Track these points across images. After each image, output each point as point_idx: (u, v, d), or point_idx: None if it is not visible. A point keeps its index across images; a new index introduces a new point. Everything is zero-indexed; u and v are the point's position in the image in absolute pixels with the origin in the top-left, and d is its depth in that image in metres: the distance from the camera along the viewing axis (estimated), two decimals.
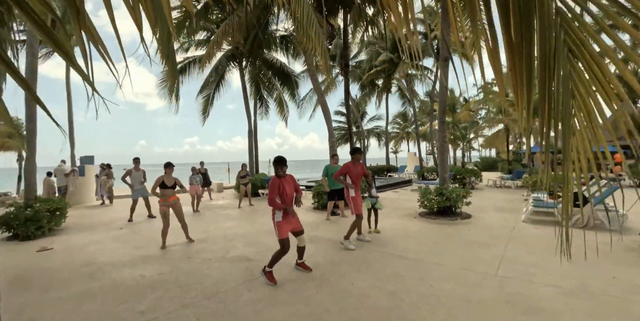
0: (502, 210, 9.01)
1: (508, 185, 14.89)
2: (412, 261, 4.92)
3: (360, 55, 23.03)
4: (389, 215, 8.56)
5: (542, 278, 4.14)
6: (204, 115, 17.25)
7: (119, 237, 7.05)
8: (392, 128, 41.10)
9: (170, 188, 6.22)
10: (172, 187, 6.26)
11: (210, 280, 4.34)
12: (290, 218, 4.26)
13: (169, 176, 6.31)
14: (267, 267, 4.26)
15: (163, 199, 6.15)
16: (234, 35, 8.80)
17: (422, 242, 5.95)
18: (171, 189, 6.25)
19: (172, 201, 6.24)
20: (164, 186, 6.16)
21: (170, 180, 6.29)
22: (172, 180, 6.33)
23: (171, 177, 6.34)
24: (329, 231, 6.99)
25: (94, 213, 10.38)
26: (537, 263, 4.69)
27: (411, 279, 4.19)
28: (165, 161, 6.52)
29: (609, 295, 3.65)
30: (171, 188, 6.25)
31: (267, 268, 4.26)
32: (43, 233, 7.34)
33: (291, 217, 4.24)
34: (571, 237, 1.51)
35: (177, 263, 5.11)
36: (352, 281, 4.18)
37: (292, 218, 4.28)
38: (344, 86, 12.10)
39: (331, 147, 9.79)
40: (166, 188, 6.17)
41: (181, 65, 15.01)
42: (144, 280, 4.46)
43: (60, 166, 11.72)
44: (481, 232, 6.63)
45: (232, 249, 5.82)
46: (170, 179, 6.30)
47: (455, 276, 4.25)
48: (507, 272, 4.37)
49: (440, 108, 8.48)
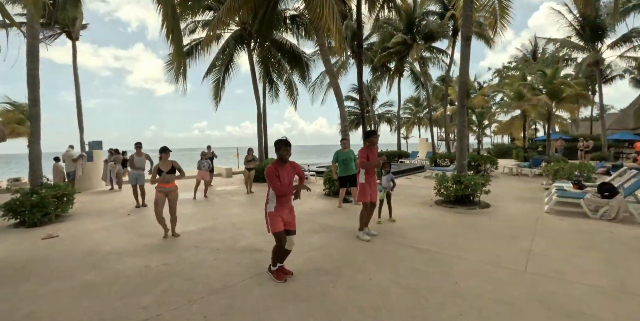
0: (522, 199, 8.60)
1: (525, 173, 14.40)
2: (433, 254, 4.60)
3: (371, 38, 22.27)
4: (404, 202, 8.23)
5: (576, 276, 3.79)
6: (216, 99, 16.78)
7: (126, 224, 6.87)
8: (404, 113, 40.36)
9: (168, 173, 5.77)
10: (170, 172, 5.81)
11: (218, 273, 4.09)
12: (285, 211, 3.76)
13: (164, 161, 5.83)
14: (272, 266, 3.90)
15: (160, 184, 5.75)
16: (240, 11, 8.30)
17: (441, 233, 5.62)
18: (169, 174, 5.80)
19: (170, 187, 5.82)
20: (160, 172, 5.74)
21: (167, 165, 5.80)
22: (169, 164, 5.83)
23: (167, 162, 5.83)
24: (341, 219, 6.70)
25: (102, 199, 10.26)
26: (568, 259, 4.34)
27: (433, 274, 3.89)
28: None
29: None
30: (169, 173, 5.79)
31: (271, 267, 3.91)
32: (50, 219, 7.20)
33: (286, 209, 3.78)
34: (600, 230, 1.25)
35: (184, 253, 4.88)
36: (369, 275, 3.89)
37: (287, 212, 3.80)
38: (357, 68, 11.56)
39: (343, 132, 9.40)
40: (162, 173, 5.74)
41: (187, 47, 14.56)
42: (149, 271, 4.23)
43: (68, 151, 11.56)
44: (503, 223, 6.28)
45: (241, 238, 5.57)
46: (167, 164, 5.81)
47: (481, 272, 3.93)
48: (537, 268, 4.03)
49: (460, 91, 8.00)
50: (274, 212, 3.68)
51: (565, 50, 23.61)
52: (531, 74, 21.27)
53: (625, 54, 20.61)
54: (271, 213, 3.69)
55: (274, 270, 3.87)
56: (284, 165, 3.73)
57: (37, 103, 7.65)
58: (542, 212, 7.09)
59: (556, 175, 10.39)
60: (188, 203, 9.03)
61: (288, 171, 3.75)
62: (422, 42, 20.28)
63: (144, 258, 4.72)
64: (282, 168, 3.69)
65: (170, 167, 5.82)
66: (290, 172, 3.79)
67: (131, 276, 4.07)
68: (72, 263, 4.64)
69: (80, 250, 5.22)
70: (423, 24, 19.72)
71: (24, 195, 7.03)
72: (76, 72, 18.32)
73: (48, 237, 6.04)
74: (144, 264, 4.49)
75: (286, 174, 3.71)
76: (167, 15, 5.20)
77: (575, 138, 26.28)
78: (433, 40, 20.30)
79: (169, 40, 5.57)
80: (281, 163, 3.71)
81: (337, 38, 7.74)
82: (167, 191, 5.79)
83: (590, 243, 5.04)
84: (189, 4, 11.09)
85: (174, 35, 5.37)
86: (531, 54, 32.10)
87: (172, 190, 5.85)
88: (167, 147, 5.92)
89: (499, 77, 34.57)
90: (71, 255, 4.97)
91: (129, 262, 4.59)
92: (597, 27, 19.77)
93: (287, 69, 16.34)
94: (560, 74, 18.16)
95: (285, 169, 3.72)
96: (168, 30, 5.29)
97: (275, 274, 3.84)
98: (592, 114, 32.43)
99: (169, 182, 5.81)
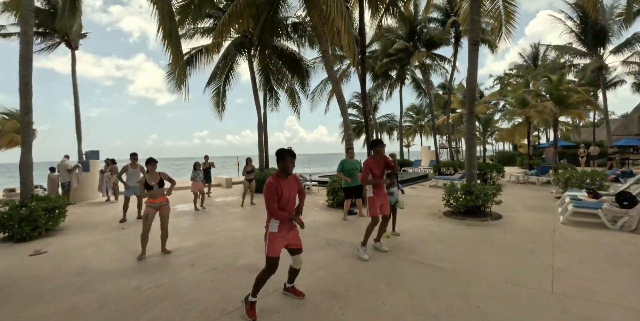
0: (533, 209, 8.24)
1: (532, 181, 14.05)
2: (449, 272, 4.23)
3: (373, 45, 22.14)
4: (411, 214, 7.87)
5: (608, 297, 3.44)
6: (218, 108, 16.46)
7: (119, 238, 6.50)
8: (405, 121, 40.17)
9: (155, 187, 5.32)
10: (159, 185, 5.36)
11: (215, 296, 3.72)
12: (287, 231, 3.30)
13: (151, 174, 5.40)
14: (251, 296, 3.27)
15: (150, 199, 5.31)
16: (242, 17, 8.03)
17: (454, 248, 5.25)
18: (160, 188, 5.37)
19: (160, 202, 5.39)
20: (148, 187, 5.27)
21: (155, 178, 5.37)
22: (157, 176, 5.40)
23: (155, 174, 5.41)
24: (347, 233, 6.33)
25: (97, 211, 9.89)
26: (596, 276, 3.98)
27: (452, 297, 3.52)
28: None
29: None
30: (158, 187, 5.35)
31: (250, 297, 3.26)
32: (40, 233, 6.83)
33: (290, 228, 3.32)
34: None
35: (179, 273, 4.51)
36: (383, 299, 3.52)
37: (291, 232, 3.35)
38: (360, 75, 11.28)
39: (347, 141, 9.06)
40: (150, 188, 5.28)
41: (187, 56, 14.34)
42: (140, 294, 3.87)
43: (64, 161, 11.23)
44: (519, 235, 5.91)
45: (241, 255, 5.19)
46: (155, 176, 5.38)
47: (505, 294, 3.57)
48: (564, 288, 3.67)
49: (468, 97, 7.70)
50: (276, 233, 3.23)
51: (567, 57, 23.44)
52: (534, 80, 21.06)
53: (629, 59, 20.42)
54: (272, 233, 3.24)
55: (249, 302, 3.26)
56: (286, 178, 3.31)
57: (29, 111, 7.35)
58: (558, 223, 6.74)
59: (567, 183, 10.03)
60: (186, 215, 8.66)
61: (291, 185, 3.34)
62: (424, 49, 20.13)
63: (136, 279, 4.35)
64: (285, 182, 3.27)
65: (158, 179, 5.39)
66: (294, 186, 3.37)
67: (120, 300, 3.71)
68: (59, 283, 4.29)
69: (69, 268, 4.86)
70: (425, 31, 19.59)
71: (13, 208, 6.68)
72: (75, 81, 18.15)
73: (35, 253, 5.68)
74: (135, 285, 4.13)
75: (289, 189, 3.29)
76: (164, 17, 4.94)
77: (577, 144, 25.99)
78: (435, 47, 20.16)
79: (166, 44, 5.27)
80: (283, 176, 3.29)
81: (346, 38, 7.30)
82: (157, 206, 5.37)
83: (615, 257, 4.68)
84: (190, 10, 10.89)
85: (171, 39, 5.09)
86: (532, 61, 32.01)
87: (164, 204, 5.44)
88: (153, 158, 5.51)
89: (500, 84, 34.40)
90: (58, 275, 4.61)
91: (119, 283, 4.23)
92: (598, 33, 19.63)
93: (289, 77, 16.09)
94: (565, 80, 17.94)
95: (288, 183, 3.30)
96: (165, 33, 5.01)
97: (248, 306, 3.24)
98: (595, 120, 32.18)
99: (159, 196, 5.38)
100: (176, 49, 5.33)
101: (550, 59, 29.18)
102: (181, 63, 5.75)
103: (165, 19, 4.97)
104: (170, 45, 5.30)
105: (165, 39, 5.30)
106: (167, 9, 4.83)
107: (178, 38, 5.37)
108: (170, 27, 4.95)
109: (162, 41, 5.34)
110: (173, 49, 5.31)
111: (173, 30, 5.09)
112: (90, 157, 13.32)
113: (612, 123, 31.46)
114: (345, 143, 9.20)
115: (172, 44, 5.19)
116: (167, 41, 5.15)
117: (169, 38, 5.19)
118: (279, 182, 3.23)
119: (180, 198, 11.64)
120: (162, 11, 4.98)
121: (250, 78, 14.27)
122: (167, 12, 4.97)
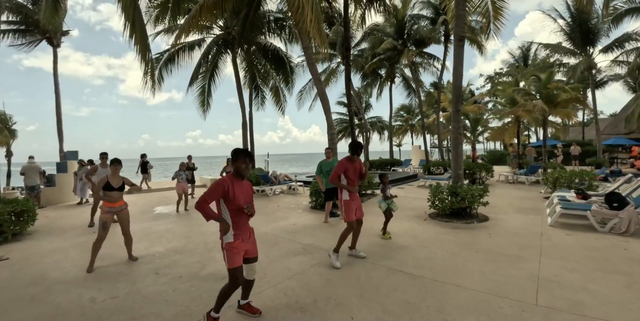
0: (522, 210, 8.03)
1: (521, 181, 13.90)
2: (427, 281, 3.96)
3: (362, 44, 21.89)
4: (396, 216, 7.54)
5: (597, 310, 3.19)
6: (203, 107, 16.08)
7: (86, 244, 6.08)
8: (395, 120, 40.02)
9: (117, 190, 5.03)
10: (119, 189, 5.07)
11: (171, 310, 3.41)
12: (244, 237, 3.05)
13: (115, 175, 5.09)
14: (213, 311, 3.05)
15: (108, 203, 4.96)
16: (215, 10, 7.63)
17: (436, 254, 4.98)
18: (118, 191, 5.06)
19: (119, 207, 5.05)
20: (108, 187, 4.97)
21: (117, 180, 5.07)
22: (120, 179, 5.10)
23: (118, 176, 5.11)
24: (326, 238, 6.02)
25: (70, 214, 9.51)
26: (585, 286, 3.73)
27: (427, 311, 3.24)
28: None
29: None
30: (118, 190, 5.05)
31: (212, 313, 3.05)
32: (5, 239, 6.47)
33: (245, 235, 3.07)
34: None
35: (139, 282, 4.19)
36: (352, 312, 3.23)
37: (248, 237, 3.10)
38: (345, 73, 10.97)
39: (330, 140, 8.79)
40: (112, 190, 4.97)
41: (168, 54, 13.96)
42: (93, 306, 3.56)
43: (32, 163, 10.69)
44: (505, 239, 5.67)
45: (209, 262, 4.88)
46: (118, 179, 5.09)
47: (485, 306, 3.30)
48: (549, 300, 3.42)
49: (454, 96, 7.45)
50: (233, 243, 2.96)
51: (556, 56, 23.41)
52: (524, 79, 20.97)
53: (618, 58, 20.43)
54: (229, 244, 2.96)
55: (212, 317, 3.04)
56: (241, 181, 3.06)
57: None
58: (546, 225, 6.52)
59: (556, 183, 9.86)
60: (163, 218, 8.31)
61: (246, 190, 3.09)
62: (413, 47, 19.91)
63: (93, 289, 4.03)
64: (239, 185, 3.02)
65: (121, 183, 5.09)
66: (249, 193, 3.13)
67: (69, 315, 3.40)
68: (11, 294, 3.97)
69: (26, 277, 4.53)
70: (414, 28, 19.35)
71: None
72: (56, 79, 17.74)
73: None
74: (90, 296, 3.82)
75: (243, 193, 3.03)
76: (127, 6, 4.59)
77: (569, 143, 26.01)
78: (424, 46, 19.93)
79: (132, 37, 4.90)
80: (237, 177, 3.03)
81: (316, 27, 6.91)
82: (116, 210, 5.03)
83: (605, 263, 4.45)
84: (169, 6, 10.52)
85: (136, 31, 4.74)
86: (522, 60, 32.01)
87: (123, 209, 5.11)
88: (118, 158, 5.17)
89: (490, 84, 34.40)
90: (13, 284, 4.29)
91: (74, 294, 3.91)
92: (588, 32, 19.59)
93: (273, 75, 15.76)
94: (554, 78, 17.84)
95: (243, 187, 3.06)
96: (129, 23, 4.63)
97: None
98: (584, 119, 32.30)
99: (118, 200, 5.06)
100: (143, 41, 4.99)
101: (540, 58, 29.22)
102: (148, 57, 5.40)
103: (128, 9, 4.64)
104: (137, 39, 4.96)
105: (133, 34, 4.96)
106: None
107: (144, 31, 5.04)
108: (134, 18, 4.63)
109: (128, 36, 4.98)
110: (140, 42, 4.97)
111: (137, 21, 4.76)
112: (69, 157, 12.88)
113: (601, 122, 31.61)
114: (328, 143, 8.91)
115: (137, 36, 4.86)
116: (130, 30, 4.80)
117: (136, 33, 4.86)
118: (232, 182, 2.97)
119: (161, 200, 11.28)
120: (126, 1, 4.66)
121: (234, 75, 13.91)
122: (131, 2, 4.65)
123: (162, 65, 14.04)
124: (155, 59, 14.27)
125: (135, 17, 4.58)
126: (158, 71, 14.12)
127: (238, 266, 2.98)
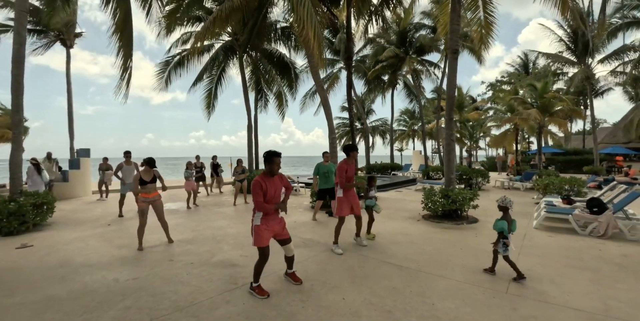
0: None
1: (517, 187, 14.34)
2: (413, 272, 4.45)
3: (365, 50, 22.46)
4: (391, 217, 8.10)
5: (560, 298, 3.64)
6: (208, 109, 16.79)
7: (104, 234, 6.68)
8: (398, 125, 40.48)
9: (150, 183, 5.77)
10: (152, 182, 5.82)
11: (187, 289, 3.92)
12: (272, 223, 3.71)
13: (146, 171, 5.82)
14: (254, 282, 3.76)
15: (144, 194, 5.72)
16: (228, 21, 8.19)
17: (424, 249, 5.48)
18: (152, 184, 5.81)
19: (153, 197, 5.82)
20: (142, 182, 5.71)
21: (149, 175, 5.81)
22: (151, 173, 5.85)
23: (150, 171, 5.85)
24: (324, 234, 6.53)
25: (85, 208, 10.04)
26: (553, 279, 4.20)
27: (410, 295, 3.73)
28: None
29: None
30: (151, 183, 5.80)
31: (254, 283, 3.76)
32: (27, 228, 7.03)
33: (273, 221, 3.72)
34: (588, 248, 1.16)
35: (156, 267, 4.70)
36: (343, 294, 3.73)
37: (276, 223, 3.75)
38: (347, 79, 11.51)
39: (331, 144, 9.30)
40: (145, 183, 5.72)
41: (178, 57, 14.56)
42: (117, 285, 4.07)
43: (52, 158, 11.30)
44: (489, 239, 6.08)
45: (218, 252, 5.40)
46: (149, 173, 5.83)
47: (461, 293, 3.78)
48: (518, 289, 3.89)
49: (447, 105, 7.95)
50: (261, 226, 3.63)
51: (556, 65, 23.83)
52: (523, 88, 21.42)
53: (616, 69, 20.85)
54: (257, 226, 3.63)
55: (255, 287, 3.73)
56: (272, 177, 3.69)
57: (20, 109, 7.51)
58: (531, 228, 6.97)
59: (546, 189, 10.31)
60: (173, 213, 8.83)
61: (276, 184, 3.74)
62: (415, 55, 20.43)
63: (115, 272, 4.54)
64: (270, 181, 3.67)
65: (152, 176, 5.82)
66: (278, 185, 3.77)
67: (97, 291, 3.89)
68: (41, 275, 4.47)
69: (53, 261, 5.05)
70: (416, 37, 19.90)
71: (2, 203, 6.84)
72: (69, 79, 18.26)
73: (22, 246, 5.86)
74: (114, 278, 4.32)
75: (274, 187, 3.69)
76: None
77: (567, 152, 26.41)
78: (425, 54, 20.47)
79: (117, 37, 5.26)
80: (269, 175, 3.68)
81: (317, 42, 7.41)
82: (150, 201, 5.78)
83: (578, 261, 4.91)
84: (178, 15, 11.07)
85: (119, 22, 5.07)
86: (523, 68, 32.44)
87: (156, 199, 5.85)
88: (151, 158, 5.89)
89: (492, 91, 34.82)
90: (42, 267, 4.80)
91: (98, 275, 4.42)
92: (587, 43, 20.02)
93: (278, 80, 16.35)
94: (551, 88, 18.27)
95: (273, 182, 3.70)
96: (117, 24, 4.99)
97: (257, 290, 3.70)
98: (585, 128, 32.64)
99: (152, 191, 5.81)
100: (127, 41, 5.36)
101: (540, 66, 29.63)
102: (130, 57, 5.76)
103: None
104: (122, 38, 5.32)
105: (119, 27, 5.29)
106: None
107: (130, 29, 5.36)
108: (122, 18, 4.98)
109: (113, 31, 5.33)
110: (124, 42, 5.33)
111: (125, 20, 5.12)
112: (82, 154, 13.45)
113: (603, 131, 31.95)
114: (329, 146, 9.41)
115: (123, 36, 5.24)
116: (119, 32, 5.15)
117: (120, 29, 5.19)
118: (264, 180, 3.62)
119: (170, 198, 11.80)
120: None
121: (241, 80, 14.48)
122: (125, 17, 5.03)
123: (172, 68, 14.68)
124: (165, 62, 14.92)
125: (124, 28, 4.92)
126: (167, 73, 14.78)
127: (265, 246, 3.64)
